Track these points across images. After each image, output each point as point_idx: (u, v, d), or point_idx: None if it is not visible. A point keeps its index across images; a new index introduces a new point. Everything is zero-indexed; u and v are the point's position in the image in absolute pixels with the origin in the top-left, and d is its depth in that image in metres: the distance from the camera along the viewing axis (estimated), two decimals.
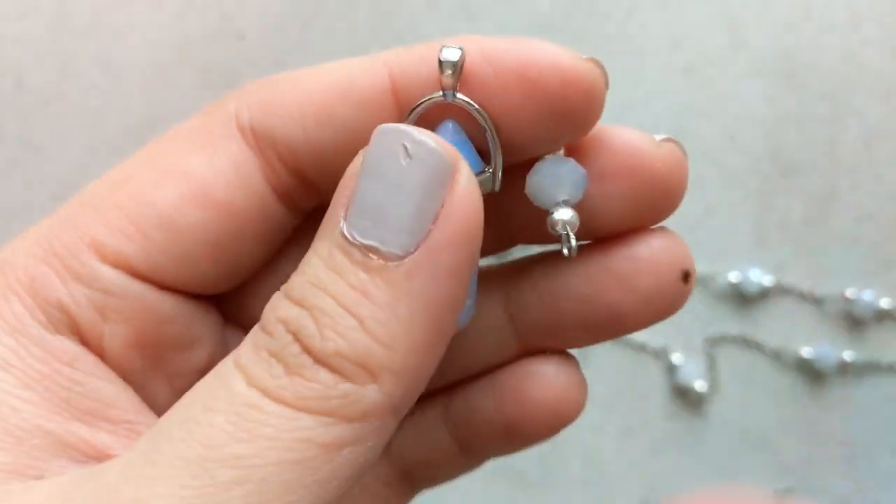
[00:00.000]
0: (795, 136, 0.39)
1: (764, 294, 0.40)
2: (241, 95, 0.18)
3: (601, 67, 0.17)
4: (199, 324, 0.19)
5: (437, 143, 0.15)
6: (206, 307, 0.19)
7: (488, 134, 0.17)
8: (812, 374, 0.39)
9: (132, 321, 0.18)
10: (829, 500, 0.39)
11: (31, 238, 0.18)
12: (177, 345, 0.19)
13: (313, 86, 0.18)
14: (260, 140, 0.18)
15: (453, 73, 0.16)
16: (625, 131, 0.18)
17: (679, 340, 0.40)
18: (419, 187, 0.15)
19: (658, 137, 0.18)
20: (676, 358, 0.39)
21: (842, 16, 0.39)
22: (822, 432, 0.39)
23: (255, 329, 0.16)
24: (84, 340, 0.18)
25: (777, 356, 0.39)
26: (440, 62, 0.16)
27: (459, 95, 0.17)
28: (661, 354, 0.40)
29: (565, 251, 0.18)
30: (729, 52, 0.40)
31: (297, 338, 0.15)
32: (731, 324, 0.40)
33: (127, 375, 0.18)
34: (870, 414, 0.39)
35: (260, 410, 0.14)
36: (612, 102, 0.41)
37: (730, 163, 0.40)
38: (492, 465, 0.40)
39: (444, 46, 0.17)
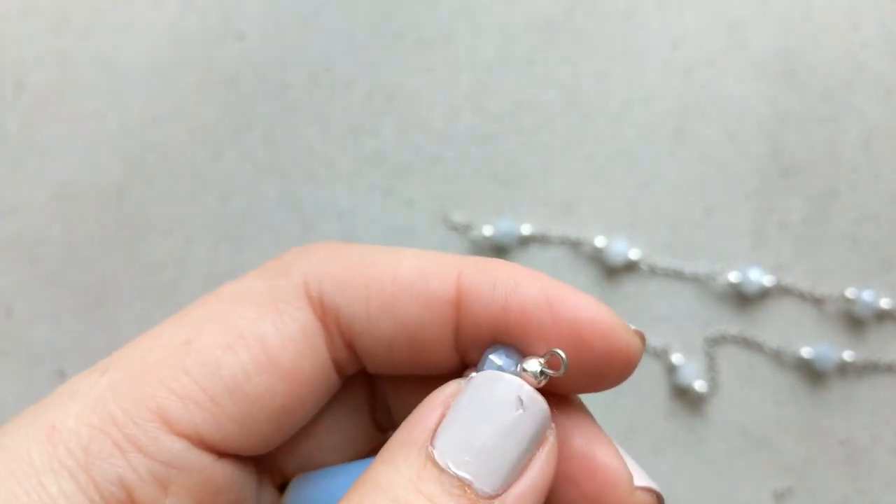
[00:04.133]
0: (795, 136, 0.39)
1: (764, 294, 0.40)
2: (309, 262, 0.18)
3: (644, 341, 0.18)
4: (245, 485, 0.19)
5: (544, 400, 0.17)
6: (249, 467, 0.19)
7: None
8: (812, 374, 0.39)
9: (193, 492, 0.17)
10: (829, 500, 0.39)
11: (83, 401, 0.17)
12: None
13: (387, 275, 0.18)
14: (326, 313, 0.18)
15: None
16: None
17: (679, 340, 0.40)
18: (528, 438, 0.16)
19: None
20: (676, 358, 0.39)
21: (842, 16, 0.39)
22: (822, 432, 0.39)
23: None
24: None
25: (777, 356, 0.39)
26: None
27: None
28: (661, 354, 0.40)
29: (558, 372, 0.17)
30: (729, 52, 0.40)
31: None
32: (731, 324, 0.40)
33: None
34: (870, 414, 0.39)
35: None
36: (612, 102, 0.41)
37: (730, 163, 0.40)
38: None
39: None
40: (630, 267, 0.40)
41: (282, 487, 0.20)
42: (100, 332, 0.42)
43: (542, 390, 0.17)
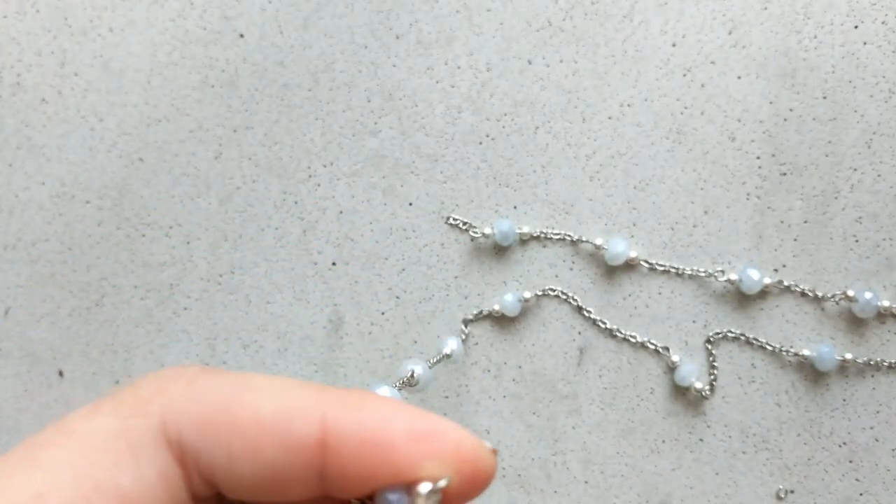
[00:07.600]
0: (795, 136, 0.39)
1: (764, 294, 0.39)
2: (168, 397, 0.18)
3: (495, 454, 0.20)
4: None
5: None
6: None
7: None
8: (812, 374, 0.39)
9: None
10: (831, 500, 0.39)
11: None
12: None
13: (248, 416, 0.18)
14: (186, 455, 0.18)
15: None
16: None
17: (679, 340, 0.40)
18: None
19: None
20: (676, 357, 0.39)
21: (842, 16, 0.39)
22: (822, 432, 0.39)
23: None
24: None
25: (777, 356, 0.39)
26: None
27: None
28: (661, 354, 0.40)
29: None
30: (729, 52, 0.40)
31: None
32: (731, 324, 0.40)
33: None
34: (871, 414, 0.39)
35: None
36: (612, 102, 0.41)
37: (730, 163, 0.40)
38: None
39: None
40: (630, 266, 0.40)
41: None
42: (99, 332, 0.42)
43: None
